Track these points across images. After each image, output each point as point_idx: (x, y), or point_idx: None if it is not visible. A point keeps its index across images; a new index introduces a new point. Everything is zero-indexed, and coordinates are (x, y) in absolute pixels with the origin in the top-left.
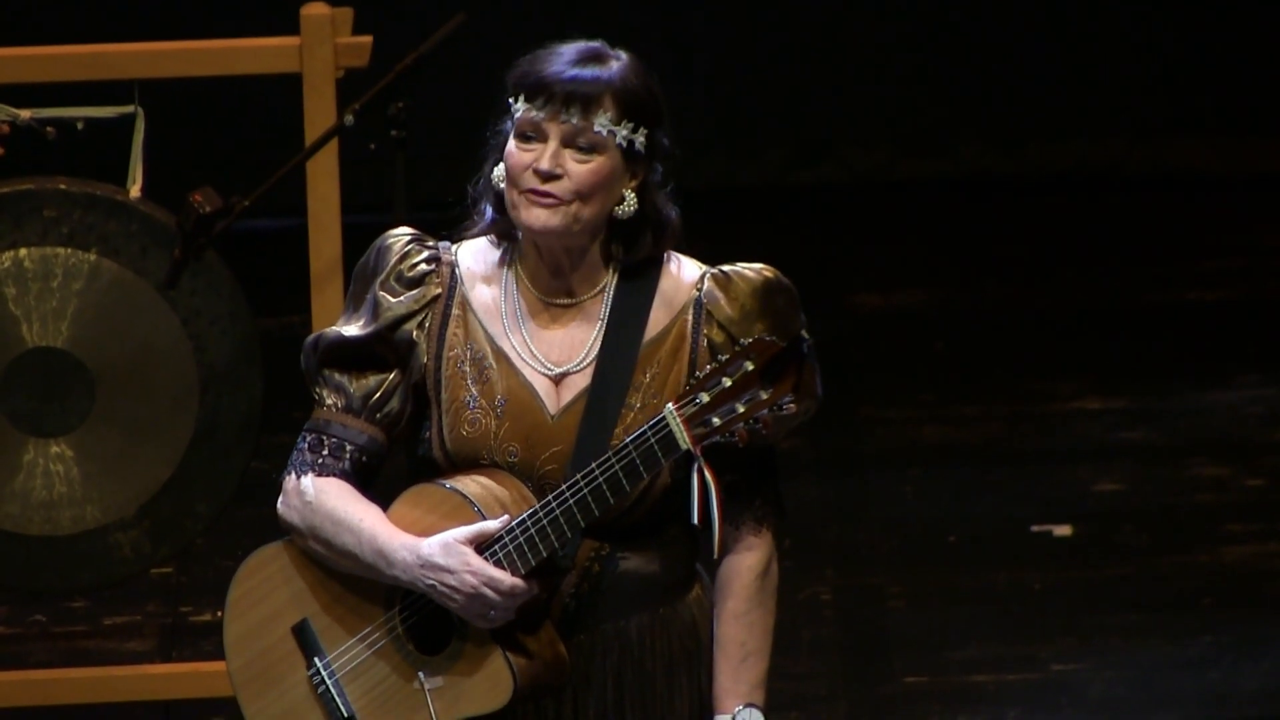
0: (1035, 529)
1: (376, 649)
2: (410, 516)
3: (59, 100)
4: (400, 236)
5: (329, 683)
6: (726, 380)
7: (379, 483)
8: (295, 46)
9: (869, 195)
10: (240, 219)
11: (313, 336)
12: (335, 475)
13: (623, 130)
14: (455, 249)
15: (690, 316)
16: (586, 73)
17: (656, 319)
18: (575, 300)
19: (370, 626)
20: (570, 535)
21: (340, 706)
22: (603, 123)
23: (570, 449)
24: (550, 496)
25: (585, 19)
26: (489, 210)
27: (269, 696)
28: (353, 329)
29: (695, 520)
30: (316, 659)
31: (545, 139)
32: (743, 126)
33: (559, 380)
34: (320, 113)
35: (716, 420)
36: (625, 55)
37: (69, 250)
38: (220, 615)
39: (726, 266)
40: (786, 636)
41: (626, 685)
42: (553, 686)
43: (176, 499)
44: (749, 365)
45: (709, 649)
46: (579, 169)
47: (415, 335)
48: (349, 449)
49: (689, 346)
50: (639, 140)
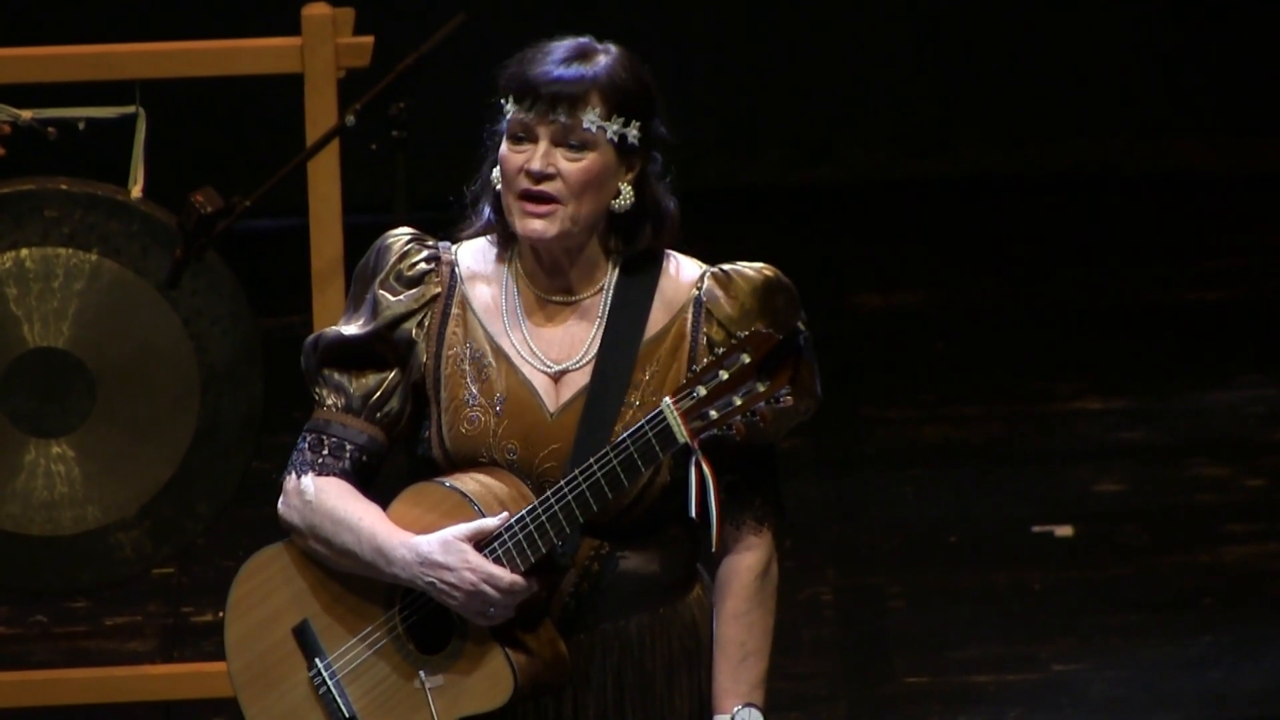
0: (1036, 529)
1: (377, 649)
2: (410, 515)
3: (60, 100)
4: (400, 236)
5: (330, 683)
6: (724, 373)
7: (379, 482)
8: (296, 47)
9: (869, 195)
10: (241, 219)
11: (312, 337)
12: (335, 475)
13: (613, 126)
14: (455, 249)
15: (690, 315)
16: (571, 71)
17: (656, 317)
18: (574, 298)
19: (370, 626)
20: (569, 531)
21: (341, 707)
22: (591, 120)
23: (569, 447)
24: (549, 492)
25: (585, 19)
26: (487, 211)
27: (270, 698)
28: (352, 328)
29: (693, 514)
30: (317, 660)
31: (536, 140)
32: (743, 126)
33: (558, 378)
34: (321, 113)
35: (714, 413)
36: (614, 49)
37: (70, 250)
38: (221, 615)
39: (726, 265)
40: (787, 637)
41: (627, 685)
42: (553, 685)
43: (177, 499)
44: (746, 358)
45: (709, 649)
46: (571, 168)
47: (414, 334)
48: (349, 448)
49: (688, 345)
50: (631, 134)
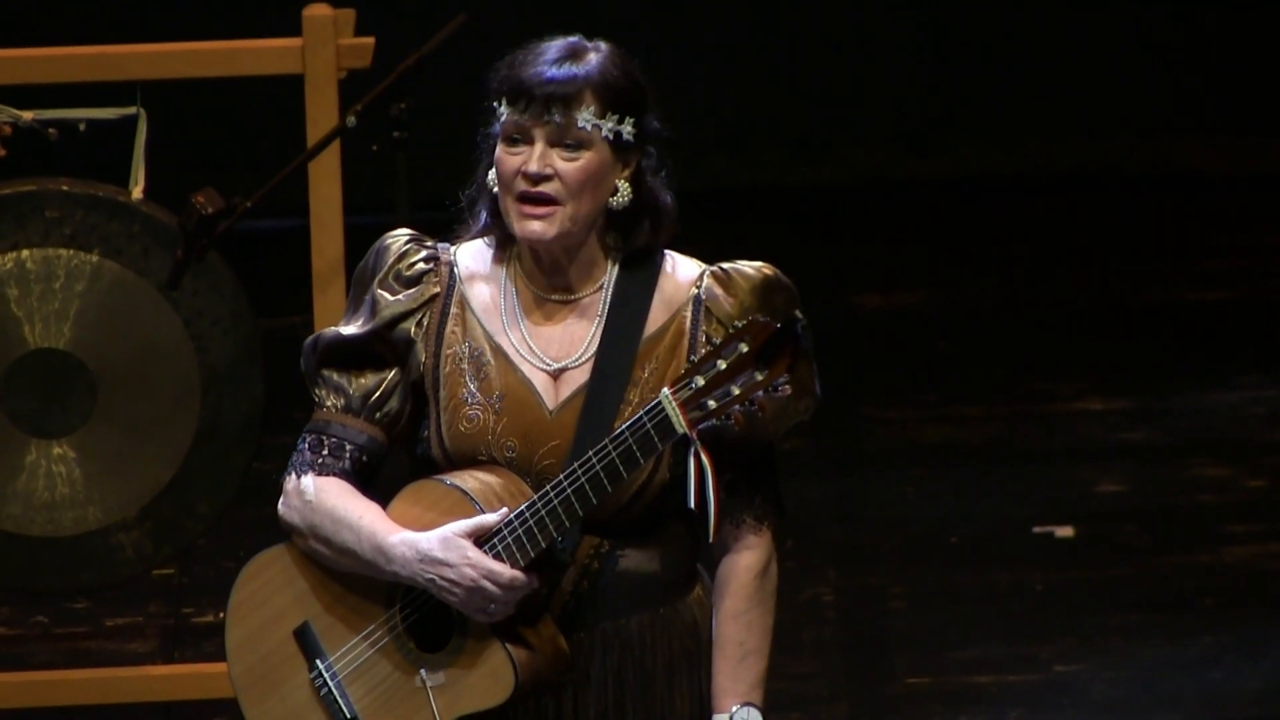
0: (1037, 530)
1: (377, 649)
2: (410, 514)
3: (61, 101)
4: (398, 237)
5: (331, 684)
6: (721, 363)
7: (379, 482)
8: (298, 48)
9: (869, 195)
10: (242, 220)
11: (311, 338)
12: (335, 475)
13: (608, 123)
14: (453, 249)
15: (689, 313)
16: (564, 71)
17: (655, 315)
18: (574, 296)
19: (371, 626)
20: (569, 525)
21: (343, 708)
22: (586, 119)
23: (568, 444)
24: (548, 487)
25: (586, 19)
26: (484, 214)
27: (271, 700)
28: (351, 329)
29: (692, 504)
30: (318, 661)
31: (531, 141)
32: (743, 126)
33: (557, 376)
34: (322, 113)
35: (712, 403)
36: (604, 46)
37: (71, 251)
38: (222, 616)
39: (726, 264)
40: (788, 637)
41: (627, 684)
42: (554, 682)
43: (178, 499)
44: (744, 347)
45: (710, 649)
46: (568, 168)
47: (413, 333)
48: (349, 449)
49: (687, 342)
50: (626, 130)
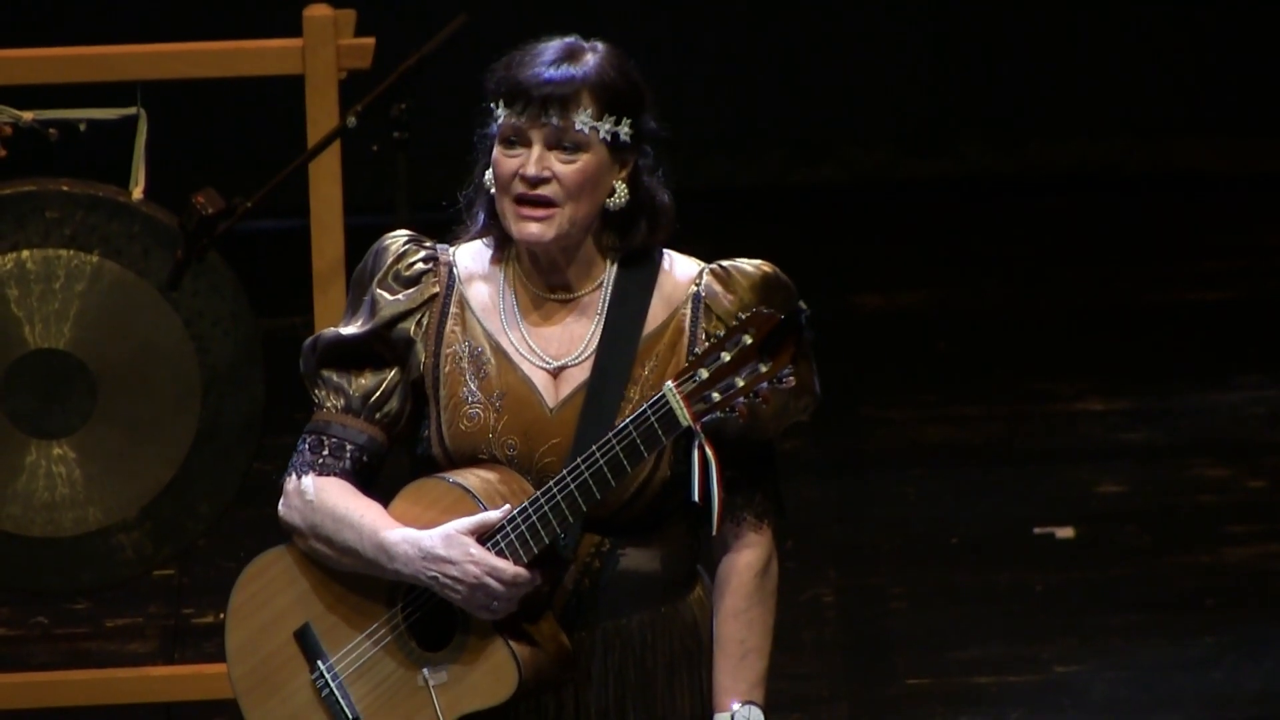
0: (1037, 530)
1: (379, 648)
2: (411, 512)
3: (62, 102)
4: (397, 238)
5: (333, 685)
6: (725, 355)
7: (379, 482)
8: (298, 48)
9: (869, 195)
10: (242, 220)
11: (311, 338)
12: (336, 475)
13: (605, 125)
14: (453, 250)
15: (689, 310)
16: (561, 73)
17: (655, 313)
18: (572, 295)
19: (372, 626)
20: (572, 520)
21: (345, 708)
22: (584, 120)
23: (569, 442)
24: (551, 483)
25: (586, 20)
26: (482, 214)
27: (272, 703)
28: (351, 329)
29: (695, 497)
30: (319, 662)
31: (529, 144)
32: (743, 126)
33: (557, 374)
34: (323, 114)
35: (716, 395)
36: (601, 47)
37: (71, 252)
38: (222, 617)
39: (725, 262)
40: (788, 637)
41: (628, 683)
42: (557, 679)
43: (178, 500)
44: (747, 339)
45: (710, 649)
46: (566, 170)
47: (413, 333)
48: (349, 449)
49: (687, 339)
50: (623, 131)
